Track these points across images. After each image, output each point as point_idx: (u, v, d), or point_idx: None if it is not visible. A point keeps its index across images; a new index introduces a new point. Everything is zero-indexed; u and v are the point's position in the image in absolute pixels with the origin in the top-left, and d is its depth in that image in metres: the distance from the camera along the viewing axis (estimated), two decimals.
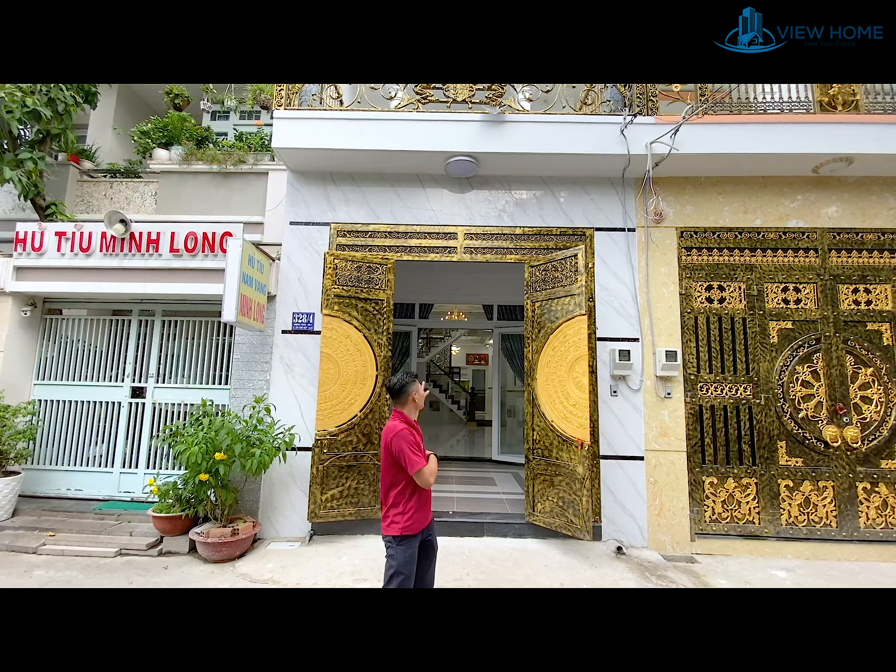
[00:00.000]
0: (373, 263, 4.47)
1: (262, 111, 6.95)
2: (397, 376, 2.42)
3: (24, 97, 5.00)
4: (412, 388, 2.39)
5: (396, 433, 2.23)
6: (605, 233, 4.55)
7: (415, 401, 2.41)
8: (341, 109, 4.41)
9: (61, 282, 4.75)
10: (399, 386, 2.38)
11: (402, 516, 2.22)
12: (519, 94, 4.41)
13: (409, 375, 2.43)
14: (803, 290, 4.43)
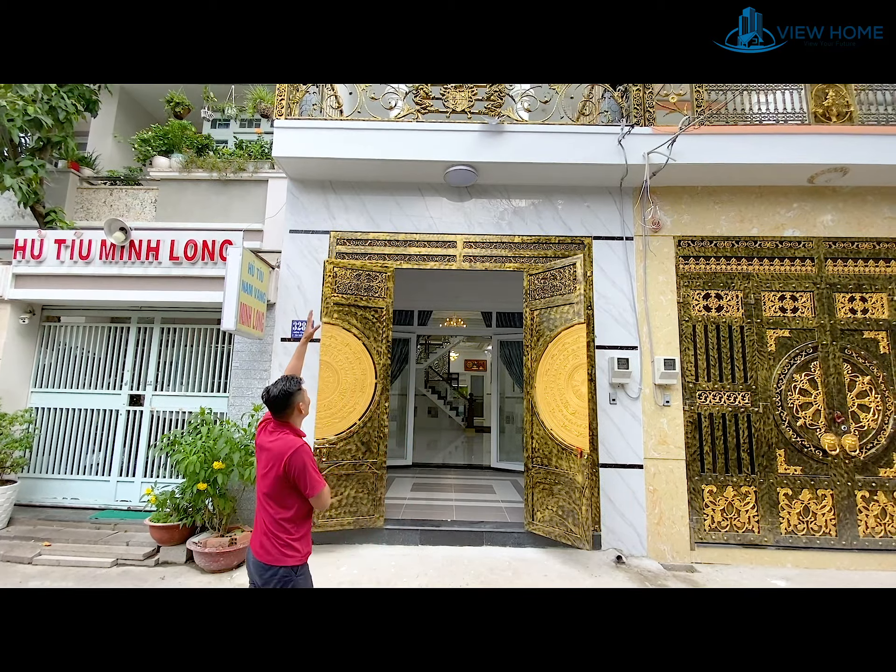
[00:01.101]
0: (372, 272, 4.48)
1: (263, 119, 6.97)
2: (279, 384, 2.03)
3: (26, 106, 5.02)
4: (297, 397, 2.05)
5: (297, 449, 1.91)
6: (603, 241, 4.58)
7: (300, 411, 2.09)
8: (341, 119, 4.45)
9: (61, 289, 4.75)
10: (283, 397, 2.01)
11: (300, 542, 1.96)
12: (517, 105, 4.46)
13: (292, 382, 2.06)
14: (800, 298, 4.45)
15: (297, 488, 1.91)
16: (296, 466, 1.89)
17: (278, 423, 2.04)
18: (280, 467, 1.90)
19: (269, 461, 1.95)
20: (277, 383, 2.05)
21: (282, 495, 1.94)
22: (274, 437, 1.99)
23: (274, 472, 1.92)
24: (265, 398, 2.04)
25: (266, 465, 1.96)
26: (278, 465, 1.91)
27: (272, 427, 2.05)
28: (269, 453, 1.96)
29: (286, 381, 2.06)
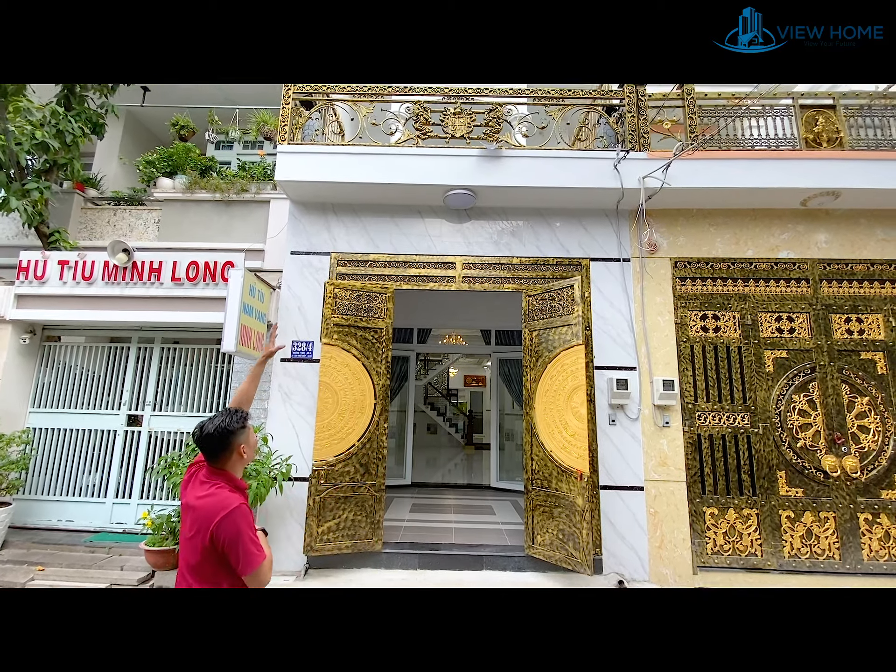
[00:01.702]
0: (372, 292, 4.52)
1: (266, 142, 7.12)
2: (216, 419, 1.65)
3: (34, 130, 5.12)
4: (240, 437, 1.66)
5: (230, 512, 1.49)
6: (600, 263, 4.63)
7: (242, 455, 1.67)
8: (343, 144, 4.55)
9: (62, 310, 4.78)
10: (219, 436, 1.61)
11: None
12: (515, 130, 4.56)
13: (235, 418, 1.66)
14: (796, 319, 4.49)
15: (225, 558, 1.50)
16: (227, 535, 1.47)
17: (212, 471, 1.63)
18: (207, 535, 1.47)
19: (194, 524, 1.52)
20: (215, 418, 1.65)
21: (210, 571, 1.51)
22: (204, 492, 1.56)
23: (200, 540, 1.49)
24: (196, 436, 1.64)
25: (191, 528, 1.53)
26: (205, 532, 1.48)
27: (204, 475, 1.62)
28: (194, 514, 1.53)
29: (228, 415, 1.66)
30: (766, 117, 4.54)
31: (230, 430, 1.63)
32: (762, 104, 4.56)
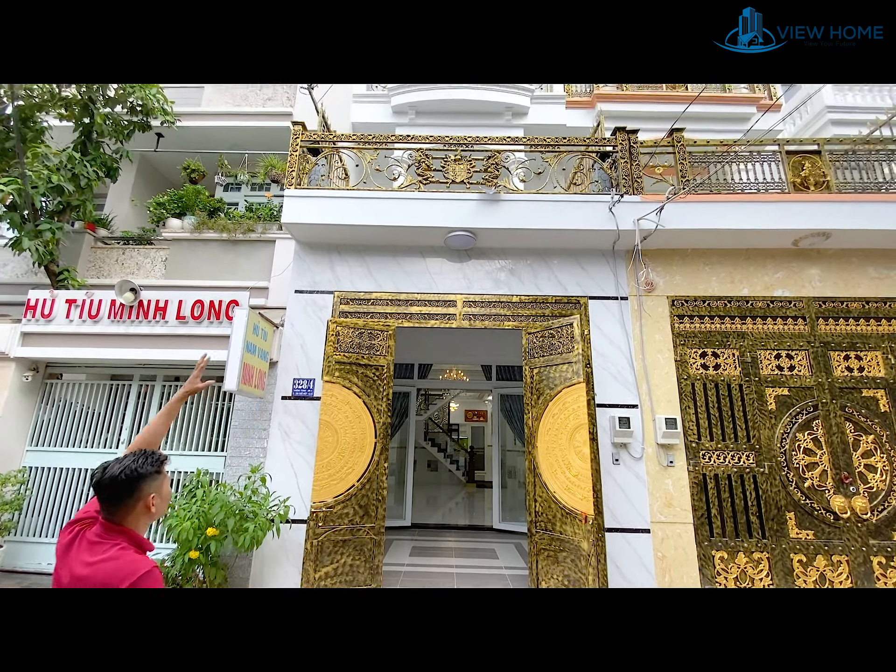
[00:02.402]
0: (374, 330, 4.57)
1: (273, 184, 7.38)
2: (125, 461, 1.35)
3: (50, 174, 5.33)
4: (153, 485, 1.36)
5: (142, 577, 1.22)
6: (598, 301, 4.70)
7: (151, 508, 1.36)
8: (347, 189, 4.72)
9: (67, 347, 4.83)
10: (126, 482, 1.31)
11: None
12: (513, 176, 4.74)
13: (149, 461, 1.37)
14: (796, 356, 4.51)
15: None
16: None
17: (108, 527, 1.30)
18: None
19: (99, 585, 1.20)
20: (125, 458, 1.36)
21: None
22: (99, 556, 1.23)
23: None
24: (96, 479, 1.32)
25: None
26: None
27: (96, 534, 1.29)
28: (84, 585, 1.21)
29: (141, 456, 1.37)
30: (753, 162, 4.74)
31: (141, 475, 1.32)
32: (749, 150, 4.76)
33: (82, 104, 5.91)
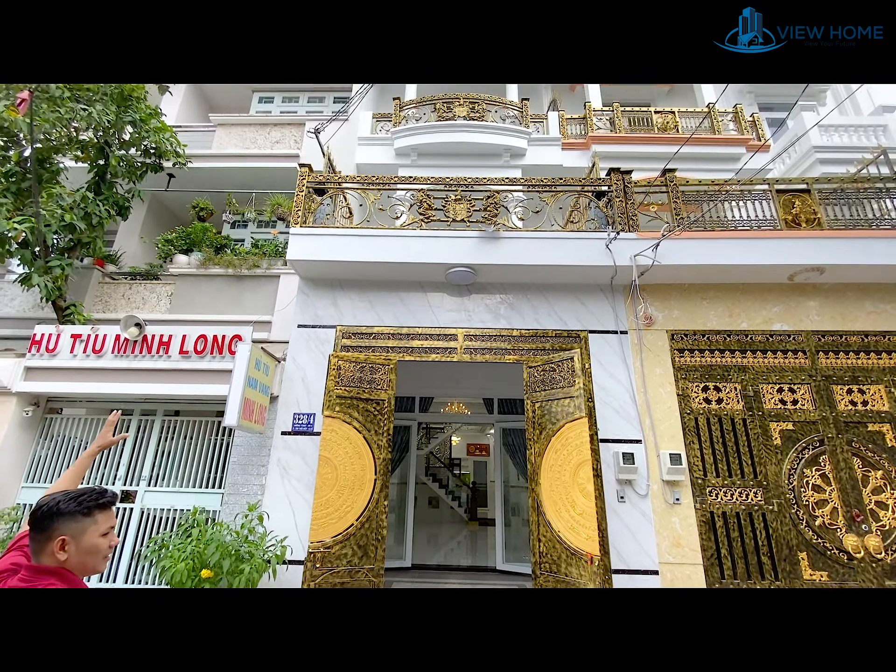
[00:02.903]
0: (375, 364, 4.59)
1: (279, 221, 7.59)
2: (57, 495, 1.30)
3: (64, 213, 5.50)
4: (65, 525, 1.24)
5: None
6: (598, 335, 4.74)
7: (57, 553, 1.23)
8: (352, 227, 4.86)
9: (70, 382, 4.84)
10: (41, 515, 1.25)
11: None
12: (511, 214, 4.89)
13: (74, 500, 1.27)
14: (798, 390, 4.49)
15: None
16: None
17: (35, 568, 1.23)
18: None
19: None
20: (60, 493, 1.31)
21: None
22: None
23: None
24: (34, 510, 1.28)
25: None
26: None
27: (21, 579, 1.22)
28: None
29: (71, 494, 1.29)
30: (745, 201, 4.88)
31: (58, 511, 1.23)
32: (740, 189, 4.92)
33: (98, 147, 6.17)
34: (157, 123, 6.37)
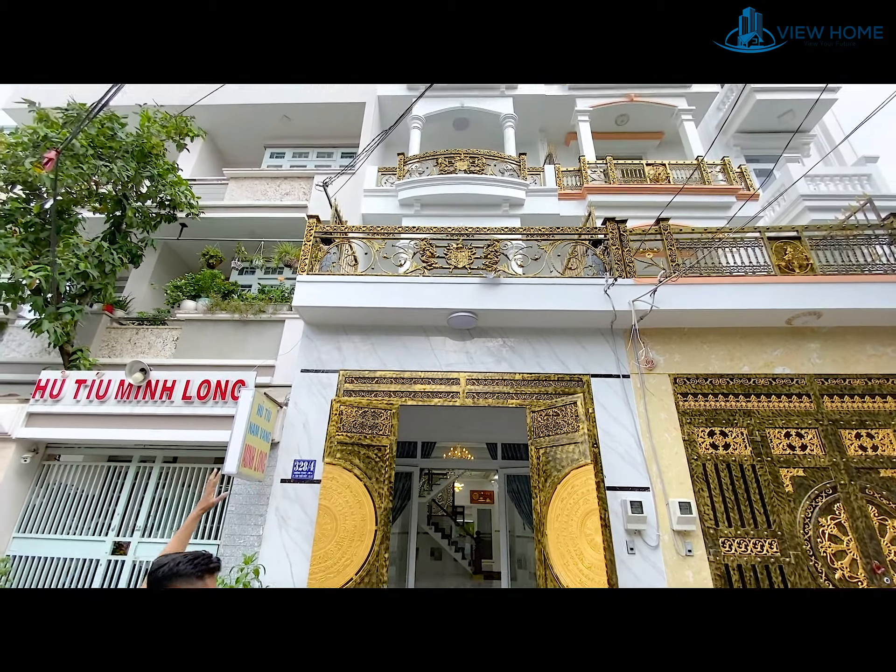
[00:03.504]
0: (377, 409, 4.57)
1: (286, 268, 7.81)
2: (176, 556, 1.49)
3: (79, 262, 5.69)
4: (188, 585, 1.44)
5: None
6: (601, 379, 4.74)
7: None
8: (357, 274, 5.00)
9: (71, 428, 4.82)
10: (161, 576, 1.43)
11: None
12: (511, 261, 5.03)
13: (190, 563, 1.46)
14: (806, 435, 4.43)
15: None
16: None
17: None
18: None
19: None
20: (176, 555, 1.47)
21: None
22: None
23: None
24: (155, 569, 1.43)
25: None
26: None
27: None
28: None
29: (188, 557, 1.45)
30: (738, 248, 5.03)
31: (177, 573, 1.37)
32: (733, 237, 5.08)
33: (116, 199, 6.47)
34: (174, 178, 6.71)
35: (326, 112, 9.57)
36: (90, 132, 5.84)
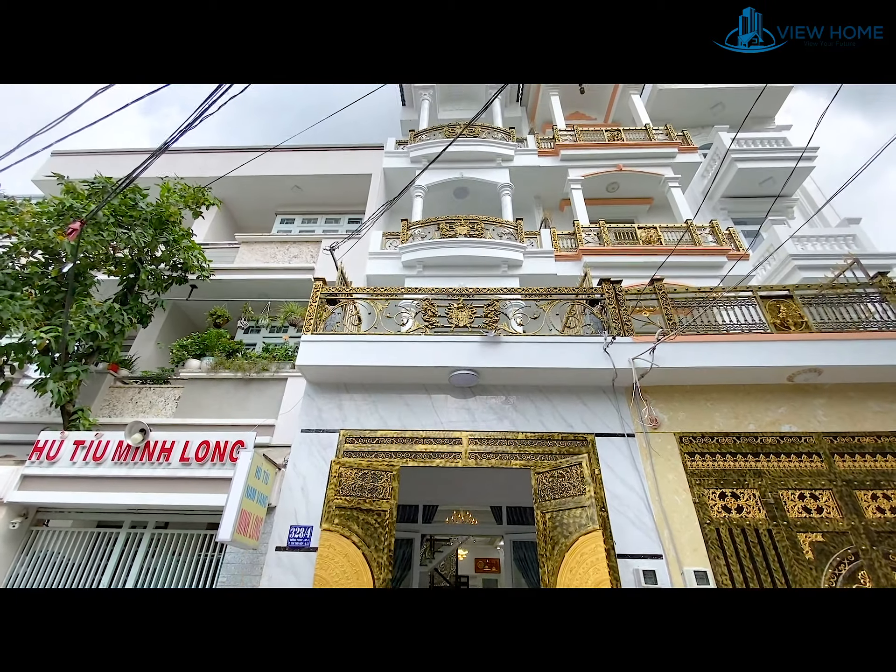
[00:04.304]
0: (378, 471, 4.47)
1: (291, 327, 7.97)
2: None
3: (90, 323, 5.83)
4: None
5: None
6: (605, 438, 4.67)
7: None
8: (360, 333, 5.11)
9: (64, 491, 4.70)
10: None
11: None
12: (511, 320, 5.15)
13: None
14: (821, 497, 4.28)
15: None
16: None
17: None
18: None
19: None
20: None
21: None
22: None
23: None
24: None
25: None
26: None
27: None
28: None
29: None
30: (732, 306, 5.15)
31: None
32: (727, 296, 5.22)
33: (131, 263, 6.75)
34: (188, 243, 7.04)
35: (335, 182, 10.21)
36: (113, 203, 6.23)
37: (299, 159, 10.11)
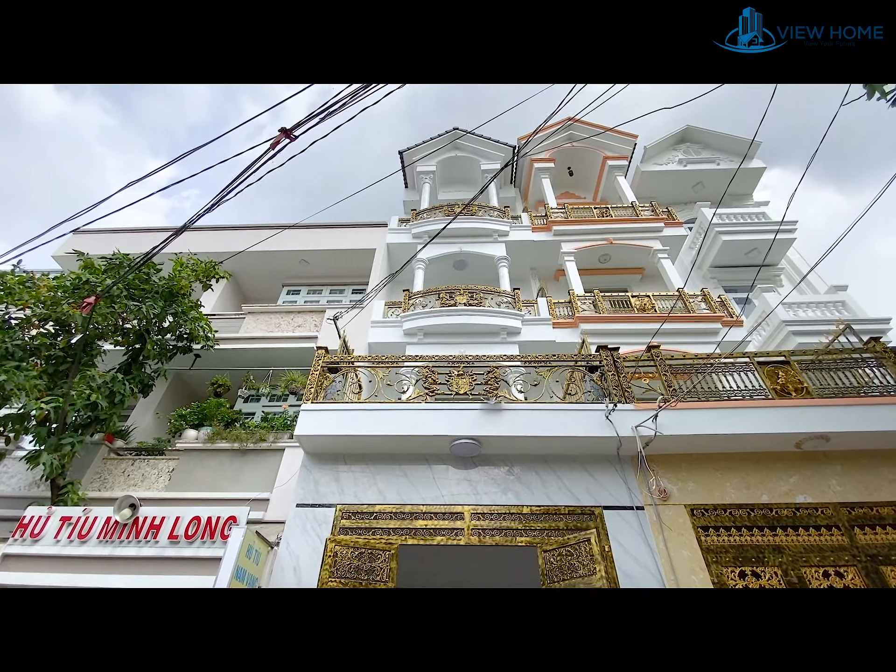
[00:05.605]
0: (375, 550, 4.24)
1: (291, 395, 7.95)
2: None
3: (91, 393, 5.83)
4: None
5: None
6: (614, 511, 4.48)
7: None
8: (360, 402, 5.10)
9: (46, 573, 4.43)
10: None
11: None
12: (511, 387, 5.16)
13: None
14: (846, 574, 4.02)
15: None
16: None
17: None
18: None
19: None
20: None
21: None
22: None
23: None
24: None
25: None
26: None
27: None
28: None
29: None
30: (730, 372, 5.19)
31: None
32: (724, 362, 5.28)
33: (138, 333, 6.90)
34: (196, 314, 7.25)
35: (341, 256, 10.74)
36: (127, 277, 6.51)
37: (307, 236, 10.70)
